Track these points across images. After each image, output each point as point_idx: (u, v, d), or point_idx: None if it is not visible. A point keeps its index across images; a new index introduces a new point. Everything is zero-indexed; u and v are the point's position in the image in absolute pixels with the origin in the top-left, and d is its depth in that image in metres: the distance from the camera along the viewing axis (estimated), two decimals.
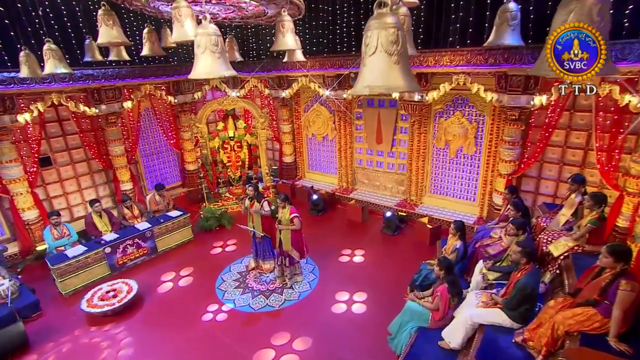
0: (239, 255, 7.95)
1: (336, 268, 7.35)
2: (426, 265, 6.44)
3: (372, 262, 7.51)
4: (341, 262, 7.56)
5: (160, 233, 8.09)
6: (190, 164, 10.94)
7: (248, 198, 7.00)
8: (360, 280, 6.92)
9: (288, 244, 6.60)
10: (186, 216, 8.50)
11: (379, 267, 7.35)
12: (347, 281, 6.91)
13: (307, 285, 6.87)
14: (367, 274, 7.14)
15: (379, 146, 9.77)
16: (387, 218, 8.62)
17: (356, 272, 7.21)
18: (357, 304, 6.32)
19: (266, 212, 6.84)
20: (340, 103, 9.59)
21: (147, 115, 10.36)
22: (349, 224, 9.24)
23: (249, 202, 6.95)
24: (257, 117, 10.28)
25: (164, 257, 8.06)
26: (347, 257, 7.70)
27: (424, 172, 9.09)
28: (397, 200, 9.61)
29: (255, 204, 6.88)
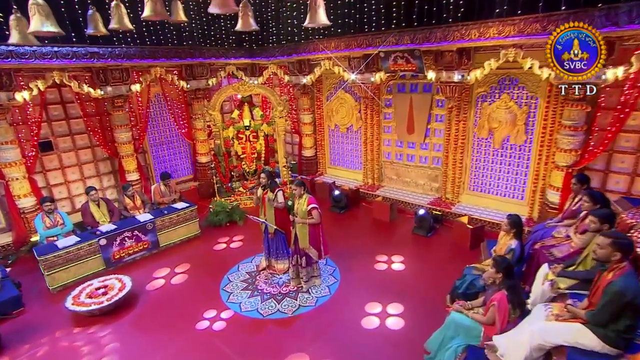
0: (250, 254, 7.08)
1: (361, 272, 6.38)
2: (471, 270, 5.40)
3: (405, 266, 6.50)
4: (367, 265, 6.58)
5: (164, 226, 7.31)
6: (203, 155, 10.22)
7: (261, 187, 6.14)
8: (388, 287, 5.93)
9: (305, 241, 5.68)
10: (193, 209, 7.72)
11: (412, 272, 6.34)
12: (373, 288, 5.92)
13: (326, 290, 5.92)
14: (399, 280, 6.15)
15: (410, 137, 8.79)
16: (420, 217, 7.58)
17: (385, 278, 6.21)
18: (392, 317, 5.26)
19: (280, 204, 5.97)
20: (368, 88, 8.68)
21: (158, 101, 9.73)
22: (375, 223, 8.26)
23: (261, 191, 6.11)
24: (275, 105, 9.48)
25: (166, 253, 7.28)
26: (374, 260, 6.72)
27: (463, 166, 8.04)
28: (430, 199, 8.58)
29: (268, 193, 6.01)
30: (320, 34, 9.11)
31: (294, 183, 5.69)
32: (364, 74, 8.51)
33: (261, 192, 6.10)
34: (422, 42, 7.23)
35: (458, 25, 6.75)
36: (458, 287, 5.30)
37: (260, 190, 6.12)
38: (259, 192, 6.13)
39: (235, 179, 9.80)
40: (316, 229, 5.72)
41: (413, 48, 7.33)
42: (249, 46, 10.63)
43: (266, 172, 6.12)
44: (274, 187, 6.08)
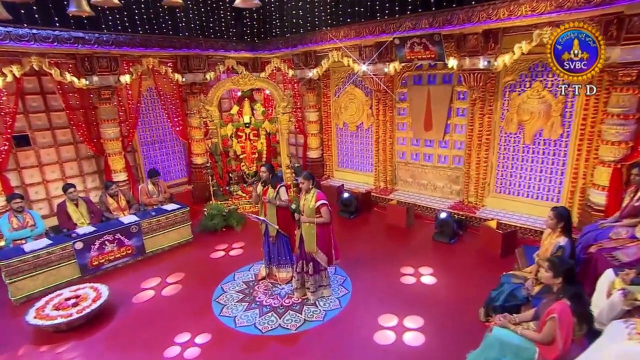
0: (248, 261, 6.34)
1: (376, 282, 5.64)
2: (510, 279, 4.67)
3: (436, 279, 5.73)
4: (383, 274, 5.85)
5: (150, 229, 6.61)
6: (198, 156, 9.56)
7: (261, 182, 5.48)
8: (411, 299, 5.20)
9: (312, 244, 4.96)
10: (185, 210, 7.02)
11: (436, 282, 5.59)
12: (393, 300, 5.18)
13: (336, 303, 5.16)
14: (421, 291, 5.41)
15: (427, 134, 8.13)
16: (442, 221, 6.85)
17: (404, 289, 5.48)
18: (410, 332, 4.54)
19: (282, 203, 5.30)
20: (381, 80, 8.05)
21: (150, 95, 9.13)
22: (389, 229, 7.53)
23: (261, 187, 5.44)
24: (279, 101, 8.85)
25: (153, 260, 6.56)
26: (391, 269, 5.98)
27: (488, 165, 7.34)
28: (450, 203, 7.85)
29: (269, 190, 5.33)
30: (329, 23, 8.56)
31: (301, 175, 5.01)
32: (376, 65, 7.91)
33: (261, 188, 5.45)
34: (443, 25, 6.64)
35: (484, 5, 6.16)
36: (495, 298, 4.55)
37: (260, 187, 5.45)
38: (259, 189, 5.47)
39: (234, 182, 9.12)
40: (325, 230, 5.03)
41: (432, 32, 6.73)
42: (251, 40, 10.10)
43: (267, 165, 5.47)
44: (276, 182, 5.42)
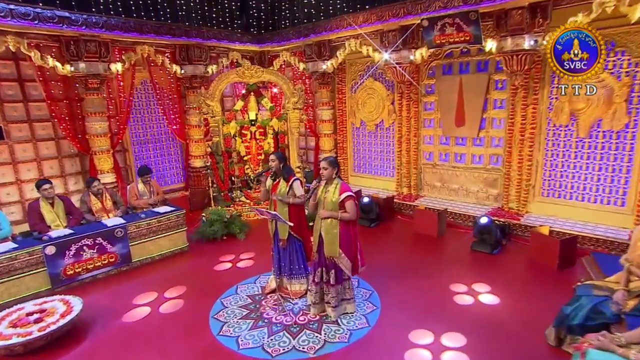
0: (254, 272, 5.52)
1: (409, 297, 4.81)
2: (589, 290, 3.83)
3: (469, 290, 4.90)
4: (417, 288, 5.02)
5: (139, 234, 5.81)
6: (197, 158, 8.84)
7: (270, 175, 4.74)
8: (451, 315, 4.38)
9: (334, 245, 4.16)
10: (180, 213, 6.25)
11: (485, 298, 4.73)
12: (429, 316, 4.34)
13: (363, 321, 4.30)
14: (464, 307, 4.58)
15: (459, 131, 7.42)
16: (482, 227, 6.00)
17: (444, 304, 4.64)
18: (450, 351, 3.69)
19: (297, 200, 4.57)
20: (405, 70, 7.37)
21: (144, 89, 8.52)
22: (418, 239, 6.71)
23: (271, 181, 4.71)
24: (289, 95, 8.22)
25: (140, 271, 5.75)
26: (425, 282, 5.16)
27: (532, 164, 6.57)
28: (486, 209, 7.03)
29: (280, 184, 4.61)
30: (345, 9, 7.98)
31: (323, 160, 4.24)
32: (400, 52, 7.25)
33: (271, 182, 4.71)
34: (480, 1, 6.01)
35: None
36: (570, 316, 3.68)
37: (270, 181, 4.72)
38: (268, 183, 4.73)
39: (236, 187, 8.37)
40: (350, 230, 4.23)
41: (468, 10, 6.11)
42: (257, 32, 9.55)
43: (277, 154, 4.73)
44: (289, 175, 4.66)
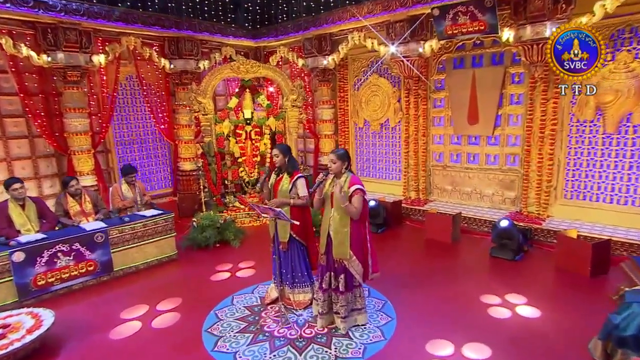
0: (254, 282, 5.15)
1: (427, 306, 4.48)
2: None
3: (504, 302, 4.57)
4: (435, 297, 4.69)
5: (122, 240, 5.43)
6: (187, 161, 8.50)
7: (274, 171, 4.47)
8: (475, 326, 4.06)
9: (344, 246, 3.82)
10: (168, 217, 5.90)
11: (507, 308, 4.40)
12: (453, 328, 4.00)
13: (378, 334, 3.94)
14: (488, 317, 4.26)
15: (472, 129, 7.18)
16: (502, 231, 5.71)
17: (470, 315, 4.30)
18: None
19: (299, 201, 4.27)
20: (413, 64, 7.14)
21: (130, 85, 8.23)
22: (431, 245, 6.41)
23: (274, 177, 4.42)
24: (287, 92, 7.96)
25: (123, 281, 5.34)
26: (443, 290, 4.85)
27: (554, 164, 6.31)
28: (503, 213, 6.74)
29: (283, 180, 4.30)
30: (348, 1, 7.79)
31: (331, 153, 3.91)
32: (408, 44, 7.05)
33: (274, 178, 4.41)
34: None
35: None
36: (621, 326, 3.34)
37: (274, 177, 4.42)
38: (272, 179, 4.43)
39: (230, 191, 8.02)
40: (362, 229, 3.92)
41: None
42: (252, 27, 9.32)
43: (282, 146, 4.43)
44: (293, 170, 4.34)
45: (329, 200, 3.94)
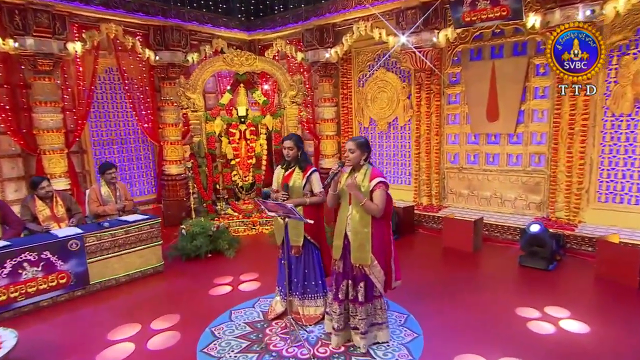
0: (255, 295, 4.78)
1: (456, 320, 4.15)
2: None
3: (544, 315, 4.25)
4: (463, 311, 4.37)
5: (100, 249, 5.01)
6: (173, 164, 8.12)
7: (281, 164, 4.18)
8: (514, 341, 3.75)
9: (365, 251, 3.48)
10: (154, 222, 5.53)
11: (549, 322, 4.10)
12: (489, 344, 3.68)
13: (404, 351, 3.59)
14: (525, 331, 3.95)
15: (491, 126, 6.98)
16: (533, 237, 5.41)
17: (506, 328, 3.99)
18: None
19: (315, 199, 3.98)
20: (426, 56, 6.91)
21: (110, 79, 7.92)
22: (450, 254, 6.14)
23: (282, 172, 4.11)
24: (286, 88, 7.72)
25: (102, 296, 4.92)
26: (472, 304, 4.52)
27: (585, 163, 6.08)
28: (528, 220, 6.42)
29: (294, 174, 4.01)
30: None
31: (350, 141, 3.59)
32: (420, 34, 6.84)
33: (282, 173, 4.11)
34: None
35: None
36: None
37: (281, 170, 4.13)
38: (278, 174, 4.14)
39: (222, 197, 7.69)
40: (385, 230, 3.61)
41: None
42: (246, 18, 9.09)
43: (294, 137, 4.11)
44: (306, 164, 4.07)
45: (346, 197, 3.61)
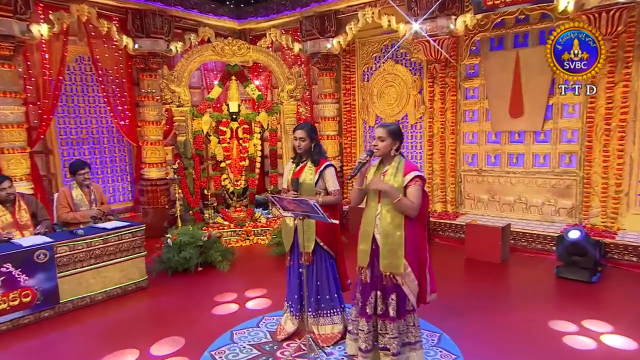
0: (260, 313, 4.49)
1: (490, 338, 3.97)
2: None
3: (581, 329, 4.10)
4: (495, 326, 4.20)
5: (73, 261, 4.62)
6: (153, 167, 7.77)
7: (292, 159, 3.94)
8: None
9: (397, 256, 3.19)
10: (138, 230, 5.21)
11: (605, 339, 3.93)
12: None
13: None
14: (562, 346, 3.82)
15: (515, 123, 6.87)
16: (573, 245, 5.22)
17: (541, 344, 3.85)
18: None
19: (329, 199, 3.71)
20: (441, 45, 6.76)
21: (81, 69, 7.65)
22: (475, 266, 5.99)
23: (292, 167, 3.89)
24: (282, 81, 7.57)
25: (76, 317, 4.52)
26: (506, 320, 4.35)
27: (624, 163, 5.97)
28: (558, 227, 6.34)
29: (305, 170, 3.76)
30: None
31: (379, 127, 3.31)
32: (435, 20, 6.73)
33: (292, 168, 3.88)
34: None
35: None
36: None
37: (292, 165, 3.90)
38: (290, 169, 3.90)
39: (210, 204, 7.43)
40: (420, 231, 3.33)
41: None
42: (236, 5, 8.87)
43: (306, 126, 3.86)
44: (319, 158, 3.80)
45: (375, 193, 3.31)
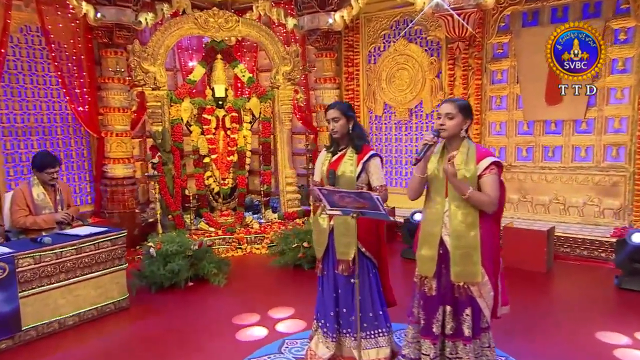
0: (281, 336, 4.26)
1: None
2: None
3: None
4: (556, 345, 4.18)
5: (38, 276, 4.24)
6: (119, 163, 7.42)
7: (327, 147, 3.77)
8: None
9: (472, 263, 3.02)
10: (118, 237, 4.91)
11: None
12: None
13: None
14: None
15: (552, 111, 6.97)
16: (635, 250, 5.20)
17: None
18: None
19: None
20: (467, 20, 6.72)
21: (28, 41, 7.20)
22: (517, 276, 5.69)
23: (328, 157, 3.69)
24: (277, 62, 7.58)
25: (40, 349, 4.16)
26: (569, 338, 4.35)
27: None
28: (605, 231, 6.49)
29: (344, 161, 3.54)
30: None
31: (446, 102, 3.09)
32: None
33: (327, 158, 3.67)
34: None
35: None
36: None
37: (327, 155, 3.69)
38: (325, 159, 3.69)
39: (192, 206, 7.21)
40: (495, 230, 3.25)
41: None
42: None
43: (342, 105, 3.65)
44: (361, 144, 3.59)
45: (440, 185, 3.06)
